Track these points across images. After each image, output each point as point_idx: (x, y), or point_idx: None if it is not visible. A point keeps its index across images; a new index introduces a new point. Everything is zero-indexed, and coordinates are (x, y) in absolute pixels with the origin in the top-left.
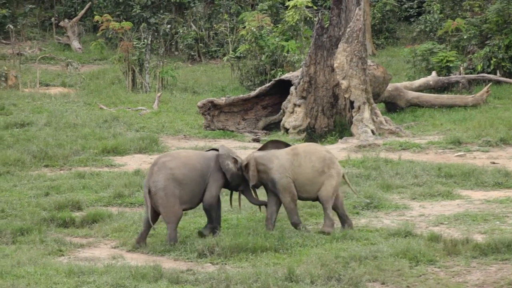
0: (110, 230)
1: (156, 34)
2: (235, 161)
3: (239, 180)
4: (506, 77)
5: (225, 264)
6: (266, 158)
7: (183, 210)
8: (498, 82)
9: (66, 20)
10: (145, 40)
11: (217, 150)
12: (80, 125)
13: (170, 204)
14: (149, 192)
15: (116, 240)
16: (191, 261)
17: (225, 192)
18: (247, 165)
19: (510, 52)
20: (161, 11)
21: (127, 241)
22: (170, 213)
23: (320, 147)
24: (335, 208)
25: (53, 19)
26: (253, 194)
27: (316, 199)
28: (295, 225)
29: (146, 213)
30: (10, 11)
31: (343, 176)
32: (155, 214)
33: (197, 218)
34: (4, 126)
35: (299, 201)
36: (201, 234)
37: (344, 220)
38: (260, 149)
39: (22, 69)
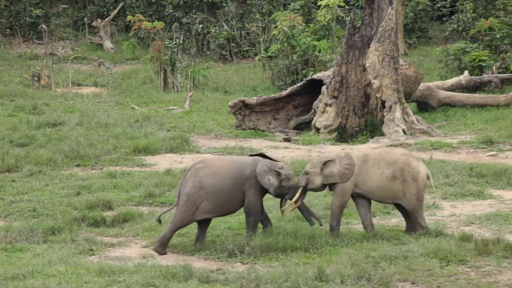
0: (140, 230)
1: (188, 33)
2: (278, 173)
3: (283, 191)
4: None
5: (255, 263)
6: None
7: (211, 217)
8: None
9: (99, 20)
10: (177, 40)
11: (260, 155)
12: (112, 124)
13: (184, 209)
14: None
15: (146, 239)
16: (221, 261)
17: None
18: (330, 162)
19: None
20: (193, 11)
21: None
22: (179, 216)
23: (395, 151)
24: (400, 208)
25: (85, 19)
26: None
27: (396, 203)
28: (332, 229)
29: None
30: (43, 11)
31: (429, 179)
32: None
33: (227, 217)
34: (36, 125)
35: (317, 202)
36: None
37: (412, 226)
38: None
39: (55, 69)
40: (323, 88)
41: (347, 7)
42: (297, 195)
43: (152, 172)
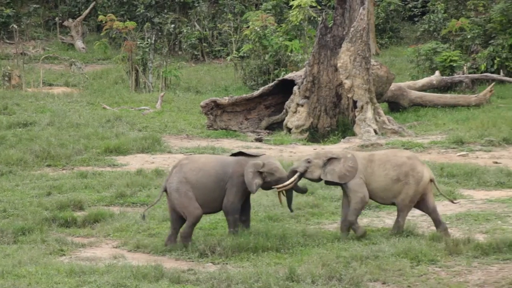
0: (111, 230)
1: (159, 33)
2: (260, 173)
3: (270, 185)
4: (510, 77)
5: (226, 263)
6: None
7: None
8: (501, 82)
9: (70, 20)
10: (149, 40)
11: (243, 154)
12: (83, 124)
13: (185, 204)
14: (166, 192)
15: (117, 239)
16: (192, 261)
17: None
18: (334, 159)
19: None
20: (165, 11)
21: (128, 241)
22: (188, 213)
23: (402, 153)
24: (427, 212)
25: (57, 18)
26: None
27: (392, 204)
28: (351, 223)
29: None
30: (14, 10)
31: (433, 182)
32: (177, 215)
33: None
34: (7, 125)
35: (303, 200)
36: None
37: (437, 224)
38: None
39: (26, 69)
40: (295, 88)
41: (319, 7)
42: (292, 179)
43: (123, 172)
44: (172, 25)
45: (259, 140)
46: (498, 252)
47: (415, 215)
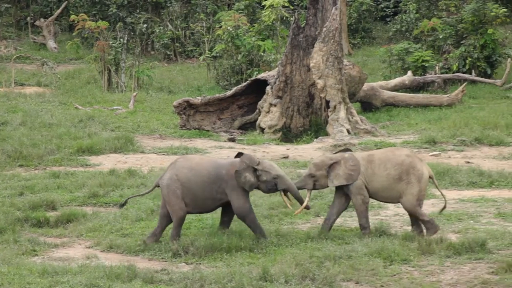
0: (84, 230)
1: (132, 33)
2: (254, 170)
3: (268, 185)
4: (481, 77)
5: (200, 263)
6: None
7: (190, 213)
8: (473, 82)
9: (42, 20)
10: (121, 40)
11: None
12: (55, 124)
13: (172, 203)
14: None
15: (90, 240)
16: (166, 261)
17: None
18: (335, 164)
19: (485, 52)
20: (138, 11)
21: (101, 241)
22: (173, 212)
23: (400, 152)
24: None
25: (28, 18)
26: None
27: (398, 202)
28: (363, 227)
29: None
30: None
31: (432, 179)
32: (166, 212)
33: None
34: None
35: (276, 200)
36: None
37: (414, 222)
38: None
39: None
40: (268, 88)
41: (292, 7)
42: (307, 199)
43: (96, 172)
44: (145, 25)
45: (232, 140)
46: (470, 251)
47: (388, 215)
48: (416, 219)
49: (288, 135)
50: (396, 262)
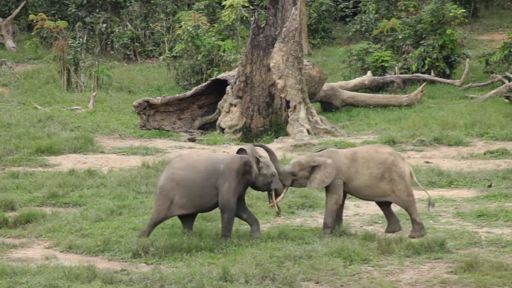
0: (43, 231)
1: (91, 33)
2: (257, 160)
3: (267, 180)
4: (440, 77)
5: (160, 264)
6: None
7: (184, 214)
8: (432, 82)
9: (0, 19)
10: (81, 39)
11: (240, 150)
12: (14, 124)
13: (159, 203)
14: None
15: (49, 240)
16: (126, 261)
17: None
18: (317, 167)
19: (444, 52)
20: (97, 10)
21: (60, 241)
22: (155, 210)
23: (383, 150)
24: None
25: None
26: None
27: (381, 200)
28: (326, 226)
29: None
30: None
31: (412, 177)
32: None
33: (131, 218)
34: None
35: None
36: (252, 237)
37: (391, 218)
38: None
39: None
40: (228, 88)
41: (252, 7)
42: (282, 195)
43: (55, 172)
44: (104, 25)
45: (192, 140)
46: (429, 251)
47: (348, 215)
48: (411, 218)
49: (248, 135)
50: (356, 261)
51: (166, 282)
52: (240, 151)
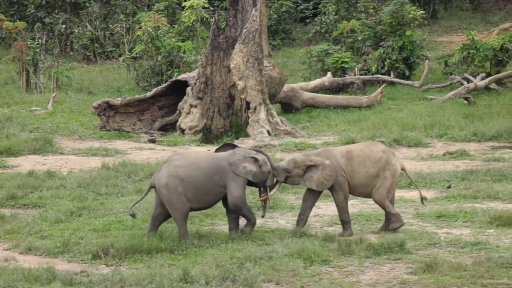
0: (2, 232)
1: (50, 34)
2: (255, 159)
3: (264, 177)
4: (400, 78)
5: (120, 265)
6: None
7: (193, 210)
8: (392, 83)
9: None
10: (40, 40)
11: (233, 146)
12: None
13: (173, 201)
14: (155, 188)
15: (8, 242)
16: (85, 263)
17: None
18: (313, 167)
19: (403, 54)
20: (56, 11)
21: (20, 243)
22: (175, 210)
23: (377, 148)
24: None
25: None
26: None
27: (369, 196)
28: (345, 222)
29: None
30: None
31: (404, 171)
32: (161, 212)
33: (91, 219)
34: None
35: None
36: (243, 233)
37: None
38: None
39: None
40: (188, 89)
41: (212, 8)
42: (275, 189)
43: (14, 173)
44: (63, 26)
45: (152, 141)
46: (389, 252)
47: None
48: (386, 212)
49: (208, 136)
50: (316, 262)
51: (126, 284)
52: (225, 146)
